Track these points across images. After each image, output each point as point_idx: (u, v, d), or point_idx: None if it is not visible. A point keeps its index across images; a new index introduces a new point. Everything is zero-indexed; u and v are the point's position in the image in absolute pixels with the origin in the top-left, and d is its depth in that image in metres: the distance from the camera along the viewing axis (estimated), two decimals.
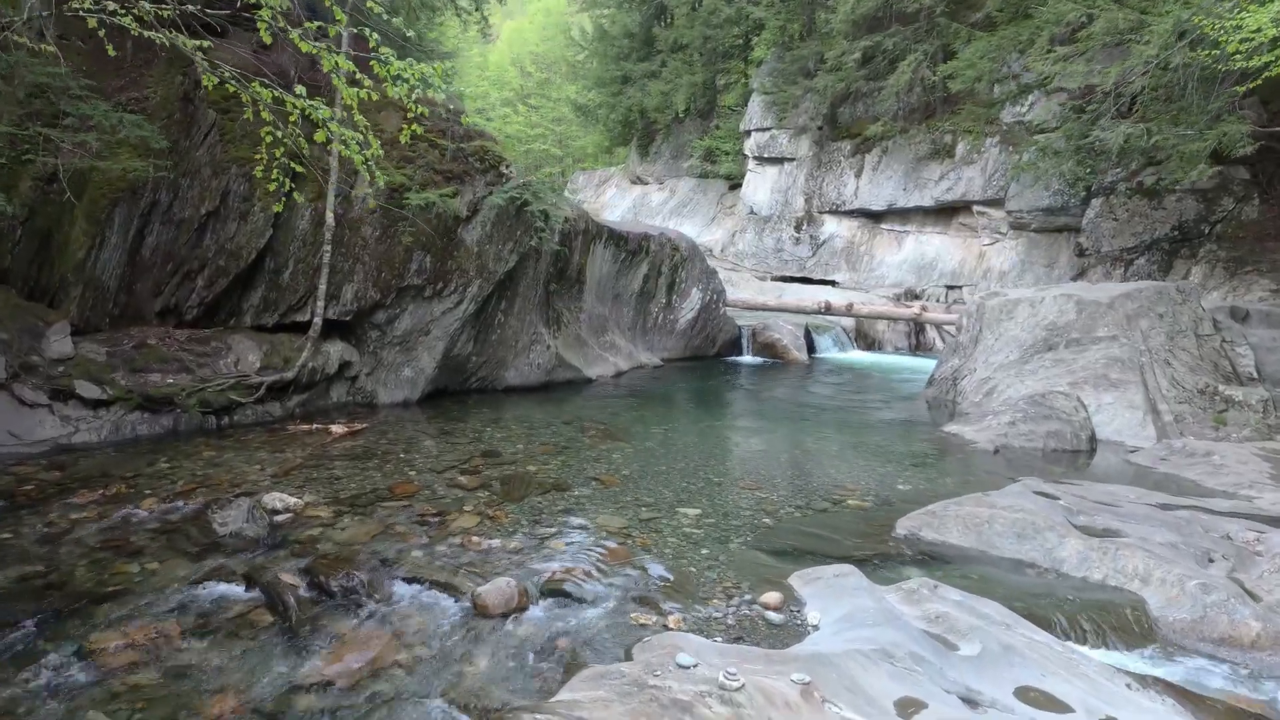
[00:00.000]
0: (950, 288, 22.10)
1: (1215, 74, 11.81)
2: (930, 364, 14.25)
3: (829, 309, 18.36)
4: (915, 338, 19.90)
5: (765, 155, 27.28)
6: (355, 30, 7.49)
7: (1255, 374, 9.86)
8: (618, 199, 35.73)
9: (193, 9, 3.72)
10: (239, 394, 8.43)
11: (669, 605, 4.49)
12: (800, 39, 26.37)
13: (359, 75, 4.30)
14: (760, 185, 27.61)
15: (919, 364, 16.43)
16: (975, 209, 21.76)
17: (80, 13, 3.47)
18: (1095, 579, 5.07)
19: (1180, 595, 4.70)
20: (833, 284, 23.89)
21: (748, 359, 16.76)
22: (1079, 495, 6.59)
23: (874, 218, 24.82)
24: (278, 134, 4.61)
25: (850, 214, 25.20)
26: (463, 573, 4.81)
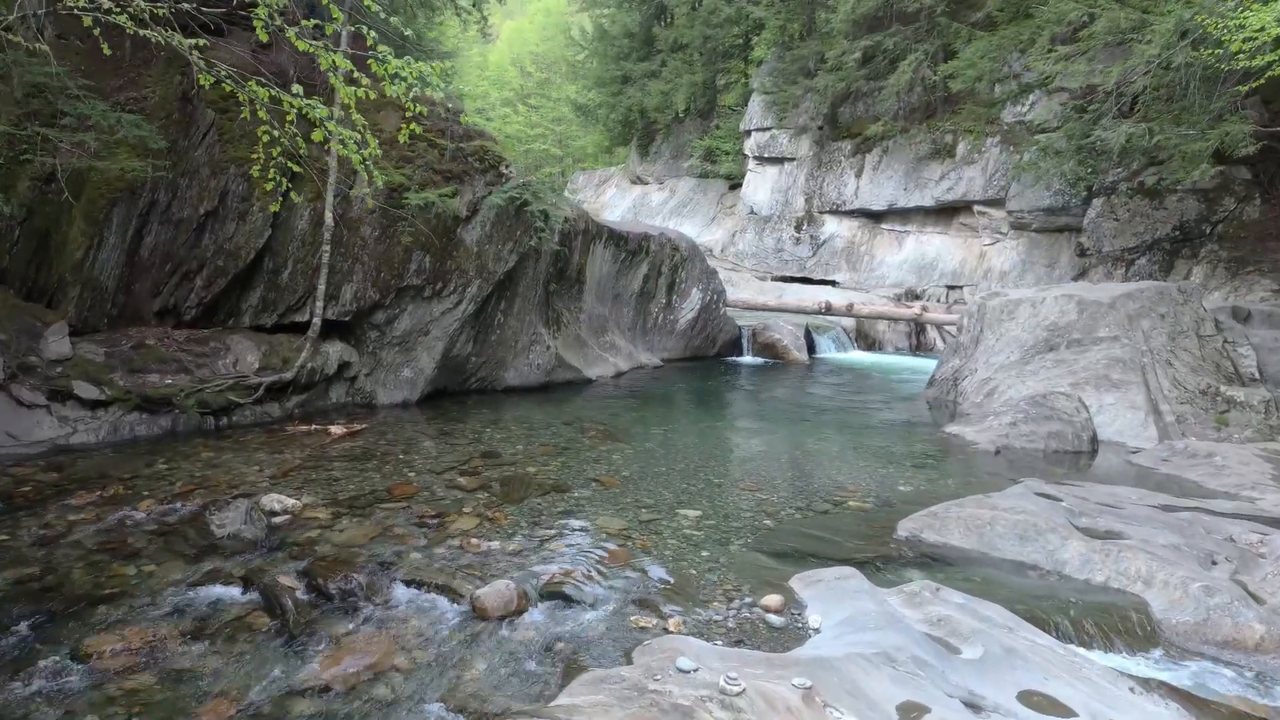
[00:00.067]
0: (951, 288, 22.07)
1: (1217, 74, 11.78)
2: (931, 364, 14.22)
3: (829, 309, 18.32)
4: (916, 338, 19.88)
5: (765, 155, 27.25)
6: (353, 29, 7.46)
7: (1257, 374, 9.83)
8: (618, 199, 35.70)
9: (188, 7, 3.69)
10: (237, 395, 8.40)
11: (669, 608, 4.46)
12: (800, 38, 26.35)
13: (357, 74, 4.27)
14: (760, 185, 27.58)
15: (919, 364, 16.40)
16: (976, 209, 21.73)
17: (75, 10, 3.45)
18: (1098, 581, 5.04)
19: (1183, 598, 4.68)
20: (833, 284, 23.86)
21: (748, 359, 16.72)
22: (1081, 497, 6.56)
23: (874, 218, 24.80)
24: (275, 133, 4.59)
25: (851, 214, 25.18)
26: (461, 575, 4.78)
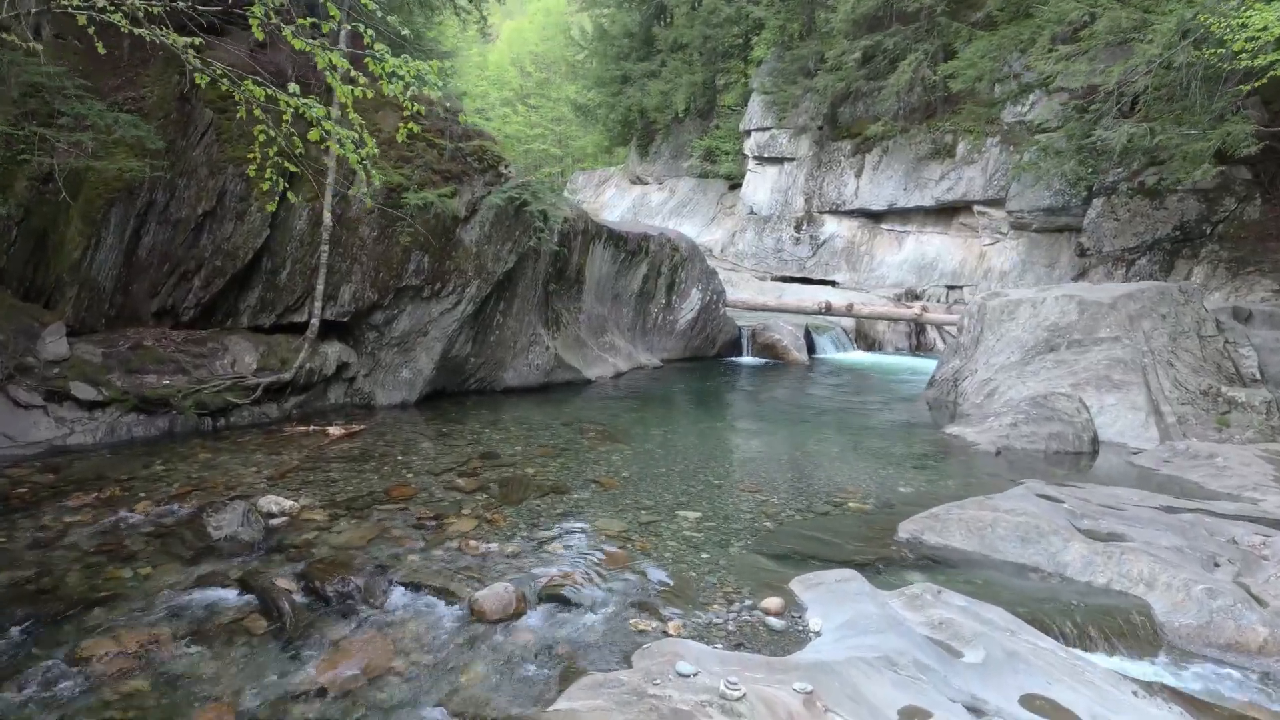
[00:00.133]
0: (951, 288, 22.06)
1: (1219, 73, 11.75)
2: (931, 365, 14.20)
3: (829, 309, 18.29)
4: (915, 338, 19.86)
5: (765, 155, 27.23)
6: (351, 28, 7.43)
7: (1258, 375, 9.80)
8: (617, 199, 35.68)
9: (183, 6, 3.66)
10: (235, 395, 8.37)
11: (669, 611, 4.43)
12: (800, 38, 26.33)
13: (354, 73, 4.24)
14: (760, 185, 27.56)
15: (919, 365, 16.38)
16: (976, 209, 21.71)
17: (70, 9, 3.42)
18: (1100, 583, 5.02)
19: (1186, 600, 4.65)
20: (833, 284, 23.84)
21: (747, 360, 16.69)
22: (1082, 498, 6.53)
23: (874, 218, 24.78)
24: (271, 133, 4.56)
25: (850, 214, 25.16)
26: (460, 577, 4.75)
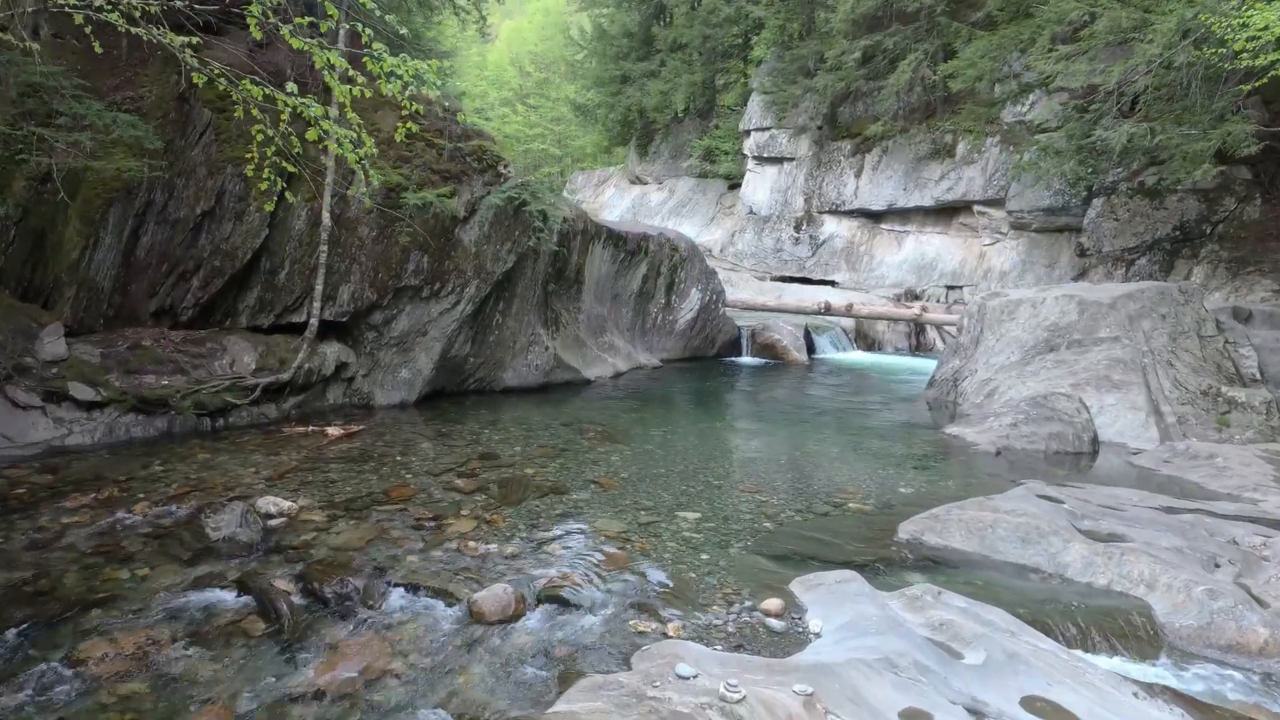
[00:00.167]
0: (950, 288, 22.05)
1: (1219, 73, 11.74)
2: (930, 365, 14.18)
3: (829, 309, 18.27)
4: (915, 338, 19.85)
5: (765, 155, 27.21)
6: (349, 27, 7.41)
7: (1258, 375, 9.79)
8: (616, 199, 35.66)
9: (180, 5, 3.64)
10: (234, 396, 8.35)
11: (668, 612, 4.42)
12: (800, 38, 26.31)
13: (352, 72, 4.22)
14: (760, 185, 27.54)
15: (919, 365, 16.36)
16: (976, 209, 21.70)
17: (66, 8, 3.40)
18: (1100, 584, 5.00)
19: (1187, 601, 4.64)
20: (832, 284, 23.82)
21: (747, 360, 16.67)
22: (1082, 499, 6.52)
23: (874, 218, 24.76)
24: (269, 132, 4.54)
25: (850, 214, 25.15)
26: (459, 579, 4.74)
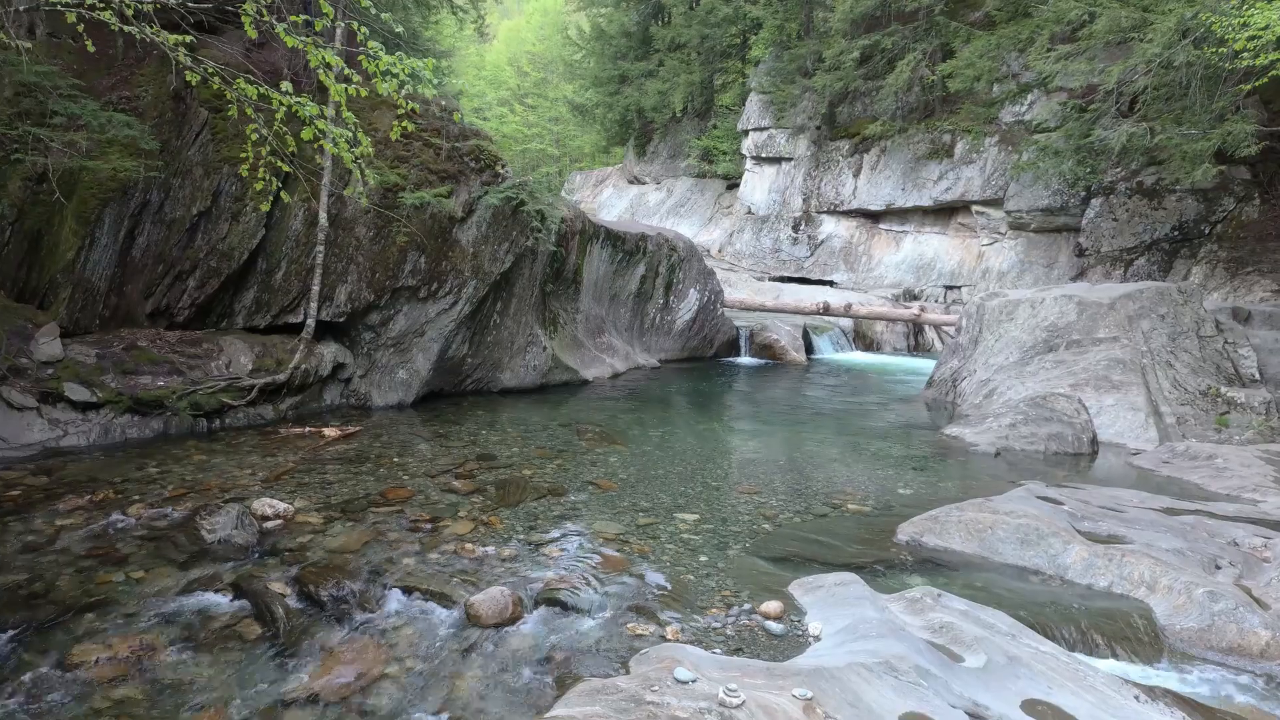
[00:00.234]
0: (949, 288, 22.04)
1: (1219, 73, 11.72)
2: (929, 365, 14.17)
3: (827, 310, 18.24)
4: (914, 338, 19.83)
5: (763, 155, 27.18)
6: (343, 25, 7.37)
7: (1257, 375, 9.79)
8: (615, 199, 35.63)
9: (173, 3, 3.61)
10: (230, 396, 8.31)
11: (667, 615, 4.39)
12: (798, 38, 26.29)
13: (348, 71, 4.19)
14: (758, 185, 27.52)
15: (918, 365, 16.35)
16: (974, 209, 21.68)
17: (58, 6, 3.36)
18: (1101, 586, 4.98)
19: (1188, 603, 4.62)
20: (831, 284, 23.80)
21: (745, 360, 16.64)
22: (1082, 500, 6.50)
23: (872, 217, 24.74)
24: (264, 132, 4.50)
25: (848, 214, 25.12)
26: (456, 581, 4.70)
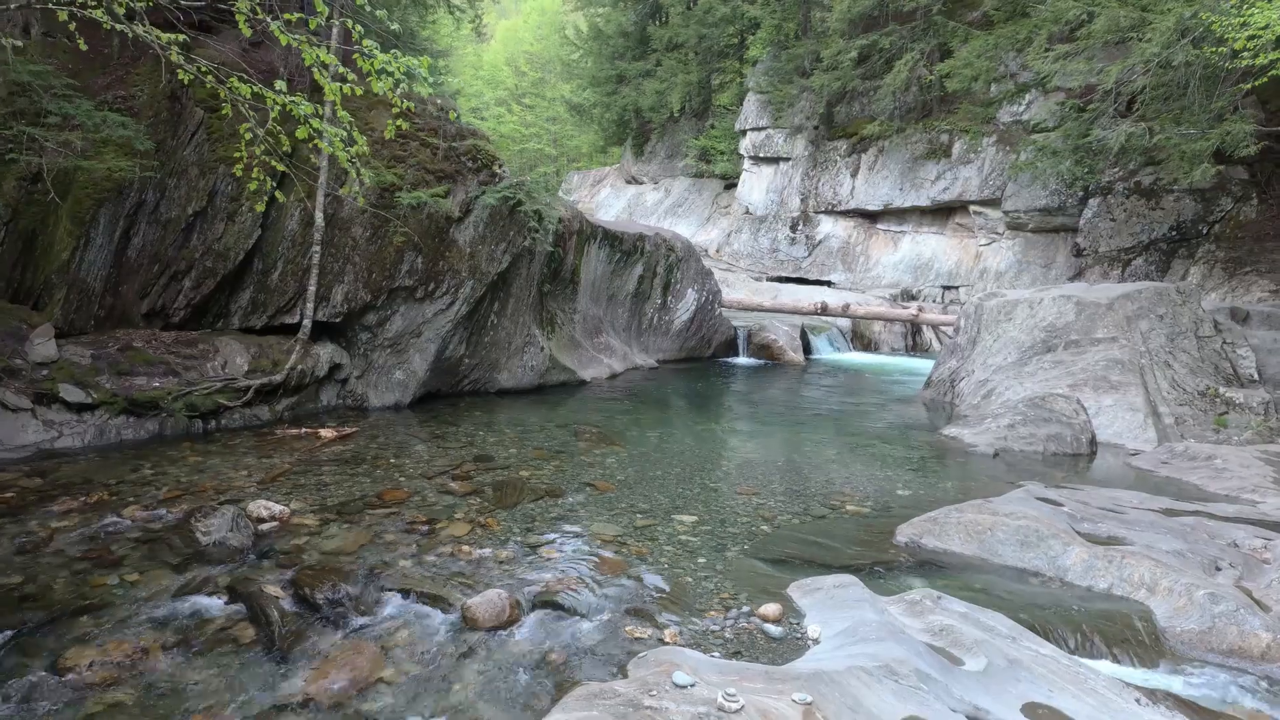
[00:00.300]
0: (947, 288, 22.03)
1: (1217, 72, 11.72)
2: (927, 365, 14.15)
3: (825, 310, 18.22)
4: (912, 339, 19.82)
5: (761, 155, 27.16)
6: (340, 23, 7.33)
7: (1256, 376, 9.78)
8: (612, 198, 35.61)
9: (164, 2, 3.57)
10: (226, 397, 8.27)
11: (665, 617, 4.36)
12: (796, 38, 26.27)
13: (342, 69, 4.15)
14: (756, 185, 27.50)
15: (916, 365, 16.33)
16: (972, 209, 21.68)
17: (50, 5, 3.33)
18: (1101, 588, 4.96)
19: (1188, 605, 4.60)
20: (828, 284, 23.79)
21: (743, 360, 16.61)
22: (1082, 501, 6.48)
23: (870, 217, 24.73)
24: (258, 131, 4.47)
25: (846, 214, 25.11)
26: (453, 584, 4.67)
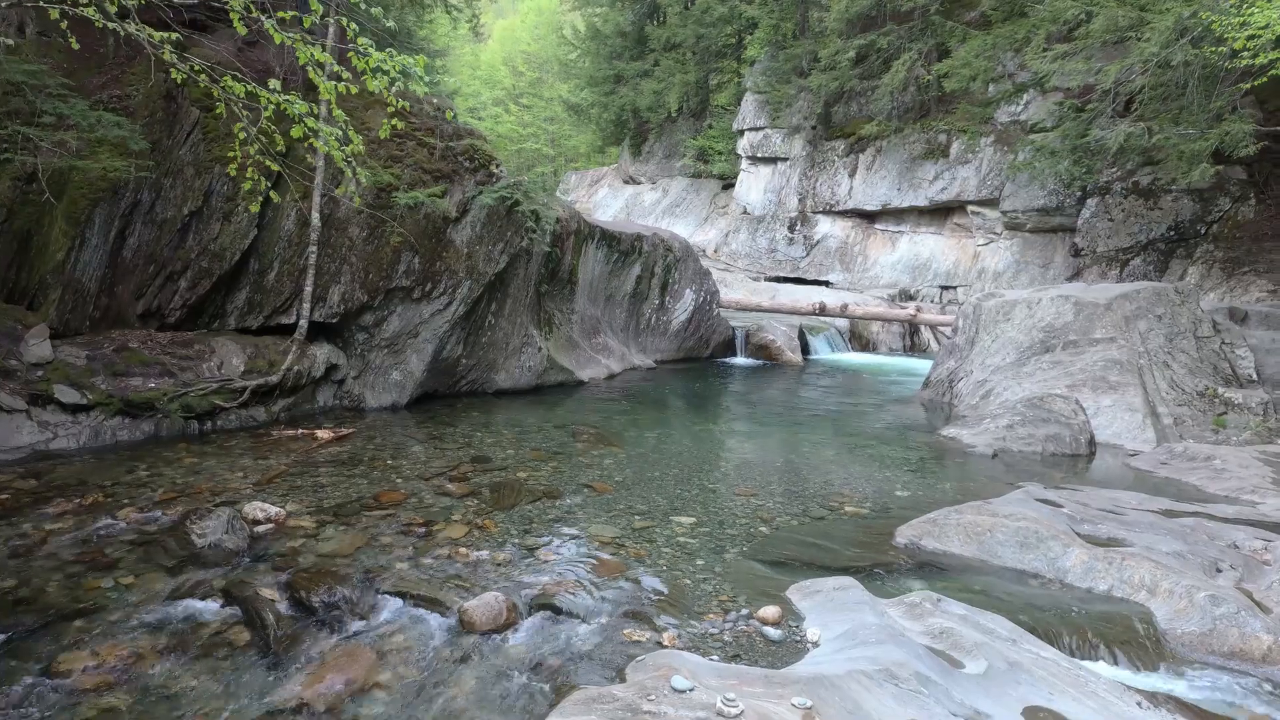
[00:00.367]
0: (945, 288, 22.03)
1: (1216, 72, 11.70)
2: (925, 365, 14.14)
3: (823, 310, 18.21)
4: (910, 339, 19.81)
5: (759, 155, 27.14)
6: (335, 21, 7.30)
7: (1255, 376, 9.77)
8: (610, 199, 35.57)
9: (157, 0, 3.54)
10: (222, 398, 8.23)
11: (663, 620, 4.33)
12: (794, 38, 26.25)
13: (337, 67, 4.12)
14: (754, 185, 27.47)
15: (914, 365, 16.33)
16: (970, 209, 21.67)
17: (41, 4, 3.29)
18: (1101, 590, 4.94)
19: (1189, 607, 4.58)
20: (826, 284, 23.78)
21: (742, 360, 16.59)
22: (1081, 502, 6.46)
23: (868, 218, 24.72)
24: (251, 130, 4.43)
25: (844, 214, 25.10)
26: (449, 587, 4.64)
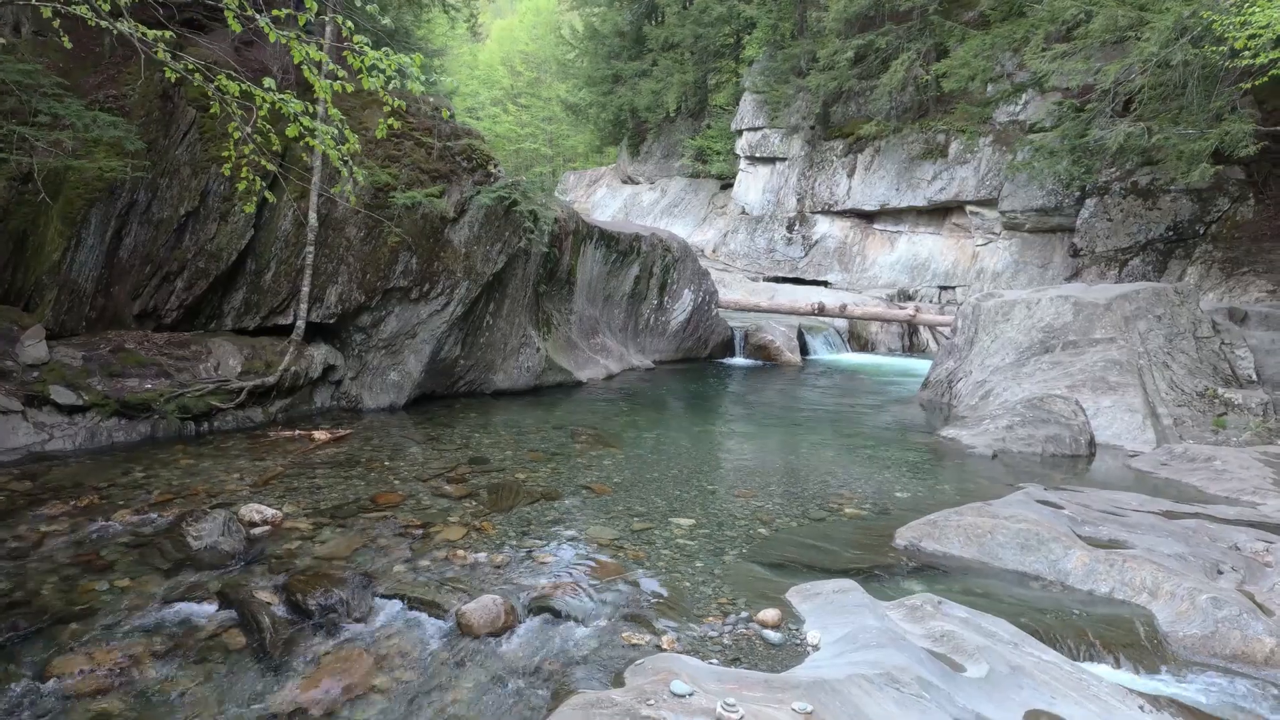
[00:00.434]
0: (943, 288, 22.01)
1: (1216, 72, 11.69)
2: (924, 365, 14.13)
3: (822, 310, 18.19)
4: (909, 339, 19.80)
5: (757, 155, 27.11)
6: (331, 19, 7.26)
7: (1254, 376, 9.75)
8: (608, 199, 35.55)
9: None
10: (219, 399, 8.19)
11: (662, 623, 4.30)
12: (792, 38, 26.23)
13: (332, 66, 4.08)
14: (752, 185, 27.45)
15: (913, 366, 16.31)
16: (968, 209, 21.66)
17: (34, 3, 3.26)
18: (1102, 592, 4.91)
19: (1190, 609, 4.55)
20: (825, 284, 23.77)
21: (740, 361, 16.57)
22: (1082, 503, 6.44)
23: (867, 218, 24.70)
24: (246, 130, 4.40)
25: (843, 214, 25.08)
26: (447, 589, 4.61)
